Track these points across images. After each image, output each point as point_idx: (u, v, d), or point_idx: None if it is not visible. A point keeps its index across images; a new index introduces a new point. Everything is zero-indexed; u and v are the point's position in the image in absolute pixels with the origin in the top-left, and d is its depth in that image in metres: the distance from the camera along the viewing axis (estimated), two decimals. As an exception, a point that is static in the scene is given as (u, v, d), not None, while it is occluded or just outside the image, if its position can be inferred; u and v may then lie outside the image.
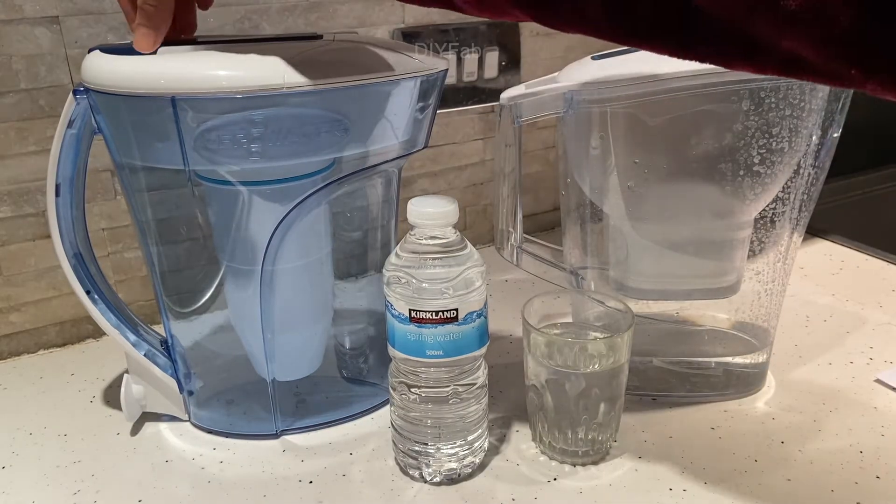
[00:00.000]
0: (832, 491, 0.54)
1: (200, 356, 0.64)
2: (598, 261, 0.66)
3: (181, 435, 0.63)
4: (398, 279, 0.52)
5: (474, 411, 0.56)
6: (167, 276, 0.62)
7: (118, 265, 0.78)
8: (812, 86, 0.57)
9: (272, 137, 0.53)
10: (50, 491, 0.57)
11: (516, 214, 0.67)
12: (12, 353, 0.76)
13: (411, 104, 0.57)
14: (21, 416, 0.66)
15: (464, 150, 0.95)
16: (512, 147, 0.64)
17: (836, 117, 0.60)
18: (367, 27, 0.84)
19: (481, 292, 0.53)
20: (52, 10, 0.69)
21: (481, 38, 0.90)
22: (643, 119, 0.57)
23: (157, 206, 0.59)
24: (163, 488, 0.56)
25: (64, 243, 0.58)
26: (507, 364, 0.71)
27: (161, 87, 0.51)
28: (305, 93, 0.51)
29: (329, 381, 0.67)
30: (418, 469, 0.56)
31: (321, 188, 0.57)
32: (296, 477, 0.57)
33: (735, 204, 0.58)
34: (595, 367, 0.56)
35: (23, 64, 0.69)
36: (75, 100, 0.55)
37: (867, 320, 0.77)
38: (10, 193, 0.72)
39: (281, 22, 0.79)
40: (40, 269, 0.75)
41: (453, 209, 0.52)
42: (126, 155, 0.57)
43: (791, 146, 0.57)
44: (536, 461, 0.58)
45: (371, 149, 0.57)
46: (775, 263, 0.64)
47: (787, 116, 0.56)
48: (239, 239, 0.58)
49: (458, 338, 0.52)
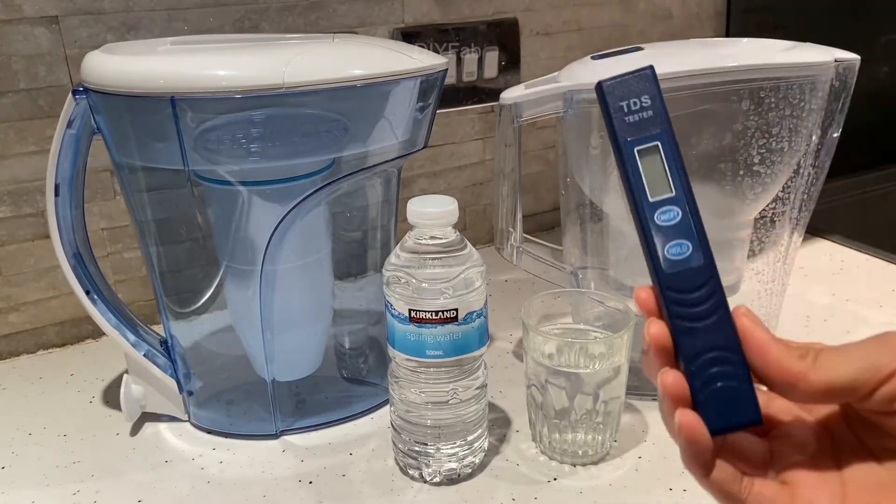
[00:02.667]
0: (832, 491, 0.54)
1: (200, 356, 0.64)
2: (598, 261, 0.66)
3: (181, 435, 0.63)
4: (398, 279, 0.52)
5: (474, 411, 0.56)
6: (167, 277, 0.61)
7: (118, 265, 0.78)
8: (812, 86, 0.57)
9: (272, 137, 0.53)
10: (49, 491, 0.57)
11: (516, 214, 0.66)
12: (12, 353, 0.76)
13: (411, 104, 0.57)
14: (20, 416, 0.66)
15: (463, 150, 0.95)
16: (512, 147, 0.64)
17: (835, 117, 0.60)
18: (367, 27, 0.84)
19: (481, 292, 0.53)
20: (52, 10, 0.69)
21: (481, 37, 0.90)
22: (643, 119, 0.57)
23: (156, 206, 0.59)
24: (162, 488, 0.56)
25: (63, 243, 0.58)
26: (507, 364, 0.71)
27: (160, 86, 0.51)
28: (305, 93, 0.51)
29: (329, 382, 0.67)
30: (418, 469, 0.56)
31: (321, 188, 0.57)
32: (295, 477, 0.57)
33: (735, 204, 0.58)
34: (595, 367, 0.56)
35: (22, 64, 0.69)
36: (75, 100, 0.55)
37: (867, 320, 0.77)
38: (10, 193, 0.72)
39: (280, 22, 0.79)
40: (40, 270, 0.75)
41: (453, 209, 0.52)
42: (125, 155, 0.57)
43: (791, 146, 0.57)
44: (536, 461, 0.58)
45: (371, 149, 0.57)
46: (775, 263, 0.64)
47: (786, 116, 0.56)
48: (238, 239, 0.58)
49: (457, 338, 0.52)
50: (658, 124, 0.35)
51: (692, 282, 0.34)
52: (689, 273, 0.34)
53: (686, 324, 0.34)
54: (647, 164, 0.35)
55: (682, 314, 0.34)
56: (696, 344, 0.34)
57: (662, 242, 0.35)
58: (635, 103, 0.35)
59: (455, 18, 0.89)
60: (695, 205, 0.35)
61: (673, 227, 0.35)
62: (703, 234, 0.35)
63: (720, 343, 0.34)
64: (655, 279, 0.35)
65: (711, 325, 0.34)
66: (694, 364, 0.34)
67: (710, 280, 0.34)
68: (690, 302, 0.34)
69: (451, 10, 0.88)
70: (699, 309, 0.34)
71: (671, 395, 0.34)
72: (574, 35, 0.98)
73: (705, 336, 0.34)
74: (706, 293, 0.35)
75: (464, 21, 0.89)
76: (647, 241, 0.35)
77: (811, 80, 0.57)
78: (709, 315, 0.34)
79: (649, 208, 0.35)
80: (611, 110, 0.36)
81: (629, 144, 0.35)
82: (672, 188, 0.35)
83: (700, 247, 0.34)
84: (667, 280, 0.35)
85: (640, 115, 0.35)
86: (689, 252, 0.34)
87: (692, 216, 0.35)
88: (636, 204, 0.35)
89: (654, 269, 0.35)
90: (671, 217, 0.35)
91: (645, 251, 0.35)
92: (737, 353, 0.34)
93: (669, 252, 0.35)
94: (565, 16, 0.97)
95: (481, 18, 0.90)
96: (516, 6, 0.93)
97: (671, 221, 0.35)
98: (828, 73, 0.58)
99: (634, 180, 0.35)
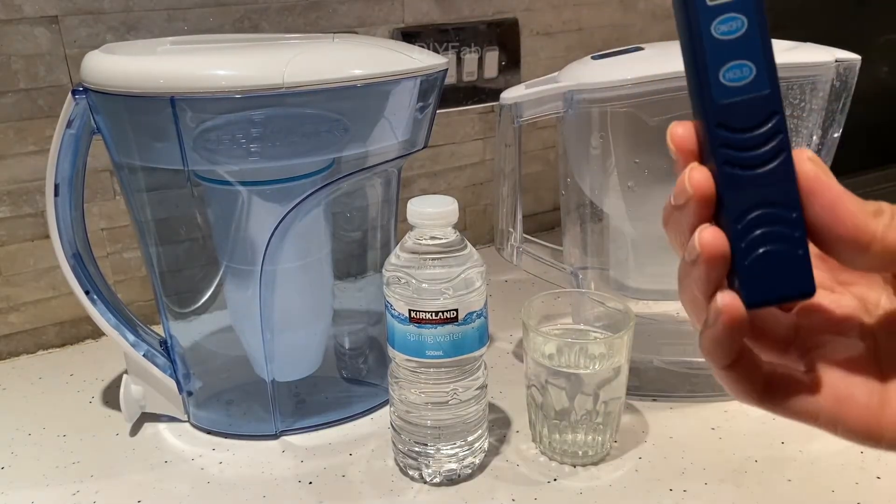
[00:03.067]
0: (832, 491, 0.54)
1: (200, 356, 0.64)
2: (598, 261, 0.65)
3: (180, 435, 0.62)
4: (398, 279, 0.52)
5: (474, 412, 0.55)
6: (166, 277, 0.61)
7: (117, 265, 0.78)
8: (813, 85, 0.57)
9: (271, 137, 0.53)
10: (49, 491, 0.56)
11: (516, 214, 0.66)
12: (11, 353, 0.76)
13: (411, 104, 0.57)
14: (20, 416, 0.66)
15: (463, 150, 0.95)
16: (512, 147, 0.64)
17: (836, 117, 0.60)
18: (367, 27, 0.84)
19: (481, 292, 0.53)
20: (52, 10, 0.69)
21: (481, 37, 0.90)
22: (643, 119, 0.57)
23: (156, 207, 0.59)
24: (162, 489, 0.56)
25: (63, 243, 0.58)
26: (507, 364, 0.71)
27: (160, 86, 0.51)
28: (305, 92, 0.51)
29: (329, 382, 0.67)
30: (418, 470, 0.56)
31: (321, 188, 0.57)
32: (295, 478, 0.57)
33: (735, 204, 0.58)
34: (595, 367, 0.56)
35: (22, 64, 0.69)
36: (74, 100, 0.55)
37: (867, 320, 0.77)
38: (10, 193, 0.72)
39: (280, 21, 0.79)
40: (39, 270, 0.75)
41: (453, 209, 0.52)
42: (125, 155, 0.57)
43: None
44: (536, 462, 0.58)
45: (371, 149, 0.57)
46: (776, 263, 0.64)
47: (787, 116, 0.56)
48: (238, 239, 0.58)
49: (457, 338, 0.52)
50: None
51: (753, 116, 0.27)
52: (749, 104, 0.27)
53: (738, 171, 0.27)
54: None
55: (733, 159, 0.27)
56: (748, 197, 0.27)
57: (718, 62, 0.27)
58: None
59: (455, 18, 0.89)
60: (764, 14, 0.27)
61: (735, 41, 0.27)
62: (770, 55, 0.27)
63: (778, 197, 0.27)
64: (702, 112, 0.28)
65: (769, 172, 0.27)
66: (741, 222, 0.27)
67: (775, 116, 0.27)
68: (747, 143, 0.27)
69: (451, 10, 0.88)
70: (758, 153, 0.27)
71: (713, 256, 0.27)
72: (574, 35, 0.98)
73: (761, 187, 0.27)
74: (768, 132, 0.27)
75: (464, 21, 0.89)
76: (696, 60, 0.27)
77: (812, 80, 0.57)
78: (769, 161, 0.27)
79: (705, 13, 0.27)
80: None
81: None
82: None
83: (767, 71, 0.27)
84: (719, 113, 0.27)
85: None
86: (752, 77, 0.27)
87: (761, 28, 0.27)
88: (686, 5, 0.27)
89: (701, 99, 0.28)
90: (734, 28, 0.27)
91: (690, 75, 0.28)
92: (795, 210, 0.27)
93: (726, 76, 0.27)
94: (565, 16, 0.97)
95: (481, 18, 0.90)
96: (516, 6, 0.93)
97: (733, 34, 0.27)
98: (828, 73, 0.58)
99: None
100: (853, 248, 0.27)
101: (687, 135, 0.28)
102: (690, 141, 0.28)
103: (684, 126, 0.29)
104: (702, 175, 0.28)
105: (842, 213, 0.27)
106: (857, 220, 0.27)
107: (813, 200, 0.27)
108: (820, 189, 0.27)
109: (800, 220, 0.27)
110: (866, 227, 0.27)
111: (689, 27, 0.27)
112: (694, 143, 0.28)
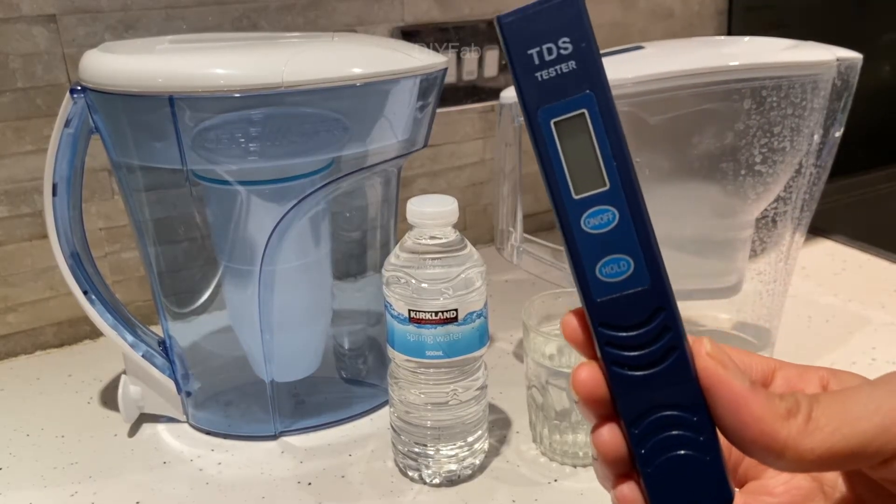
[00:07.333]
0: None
1: (198, 357, 0.64)
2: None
3: (179, 436, 0.62)
4: (397, 279, 0.52)
5: (474, 412, 0.55)
6: (165, 277, 0.61)
7: (116, 265, 0.78)
8: (814, 84, 0.56)
9: (271, 136, 0.53)
10: (47, 492, 0.56)
11: (516, 214, 0.66)
12: (9, 353, 0.76)
13: (411, 103, 0.57)
14: (18, 417, 0.66)
15: (463, 150, 0.95)
16: (512, 146, 0.64)
17: (837, 116, 0.59)
18: (367, 25, 0.84)
19: (481, 292, 0.53)
20: (50, 9, 0.69)
21: (481, 36, 0.90)
22: (644, 118, 0.56)
23: (154, 206, 0.59)
24: (161, 490, 0.56)
25: (61, 243, 0.58)
26: (507, 364, 0.71)
27: (159, 86, 0.50)
28: (304, 91, 0.51)
29: (328, 382, 0.67)
30: (418, 470, 0.56)
31: (320, 188, 0.56)
32: (294, 478, 0.57)
33: (737, 203, 0.58)
34: (596, 367, 0.56)
35: (20, 62, 0.69)
36: (72, 99, 0.54)
37: (870, 321, 0.77)
38: (7, 193, 0.72)
39: (280, 20, 0.79)
40: (37, 270, 0.75)
41: (453, 209, 0.52)
42: (123, 154, 0.56)
43: (793, 145, 0.57)
44: (537, 462, 0.58)
45: (370, 148, 0.57)
46: (777, 263, 0.64)
47: (788, 115, 0.56)
48: (237, 239, 0.58)
49: (457, 338, 0.52)
50: (585, 81, 0.25)
51: (635, 314, 0.25)
52: (630, 300, 0.25)
53: (627, 372, 0.25)
54: (568, 144, 0.25)
55: (621, 359, 0.25)
56: (641, 400, 0.25)
57: (593, 257, 0.25)
58: (550, 51, 0.25)
59: (455, 17, 0.88)
60: (639, 202, 0.25)
61: (606, 235, 0.25)
62: (649, 245, 0.25)
63: (675, 399, 0.25)
64: (586, 309, 0.26)
65: (661, 373, 0.25)
66: (637, 426, 0.26)
67: (661, 313, 0.25)
68: (632, 343, 0.25)
69: (451, 8, 0.88)
70: (645, 352, 0.25)
71: (607, 458, 0.26)
72: (574, 34, 0.98)
73: (653, 389, 0.25)
74: (654, 330, 0.25)
75: (464, 20, 0.89)
76: (572, 255, 0.25)
77: (813, 79, 0.57)
78: (659, 361, 0.25)
79: (573, 208, 0.25)
80: (515, 62, 0.25)
81: (543, 114, 0.25)
82: (605, 179, 0.25)
83: (645, 263, 0.25)
84: (600, 311, 0.25)
85: (557, 68, 0.25)
86: (630, 271, 0.25)
87: (634, 219, 0.25)
88: (555, 201, 0.25)
89: (582, 295, 0.26)
90: (604, 222, 0.25)
91: (571, 270, 0.26)
92: (697, 413, 0.25)
93: (602, 271, 0.25)
94: (566, 15, 0.96)
95: (481, 17, 0.90)
96: (517, 5, 0.92)
97: (604, 227, 0.25)
98: (830, 71, 0.57)
99: (552, 167, 0.25)
100: (766, 454, 0.24)
101: (576, 328, 0.26)
102: (579, 334, 0.26)
103: (574, 316, 0.27)
104: (587, 374, 0.26)
105: (746, 418, 0.24)
106: (763, 426, 0.24)
107: (715, 402, 0.25)
108: (721, 390, 0.24)
109: (704, 423, 0.25)
110: (775, 435, 0.23)
111: (560, 221, 0.25)
112: (585, 335, 0.26)
